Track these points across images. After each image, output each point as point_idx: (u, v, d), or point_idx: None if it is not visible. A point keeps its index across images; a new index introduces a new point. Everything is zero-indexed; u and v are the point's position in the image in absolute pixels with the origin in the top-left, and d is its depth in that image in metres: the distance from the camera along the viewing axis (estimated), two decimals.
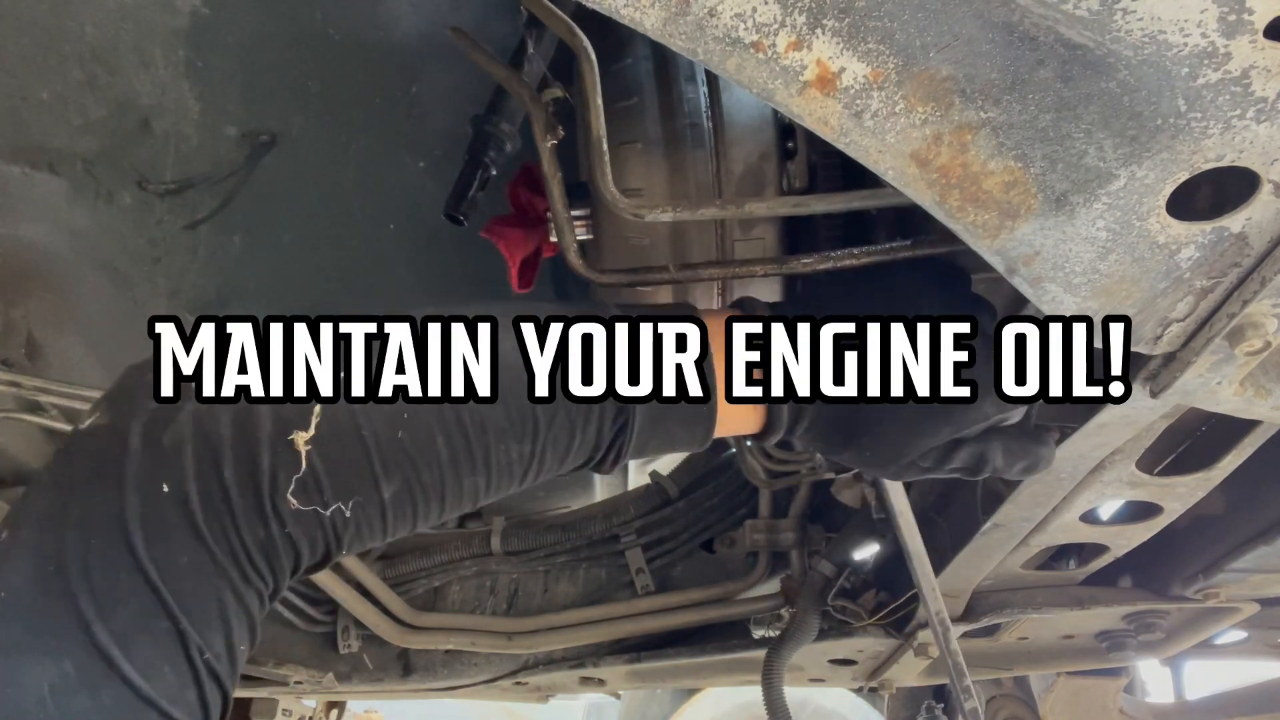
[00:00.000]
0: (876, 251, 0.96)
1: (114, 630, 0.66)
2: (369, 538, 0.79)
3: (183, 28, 1.36)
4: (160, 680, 0.67)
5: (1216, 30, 0.57)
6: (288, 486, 0.71)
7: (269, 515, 0.72)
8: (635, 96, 1.05)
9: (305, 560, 0.76)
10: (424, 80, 1.43)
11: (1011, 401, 0.85)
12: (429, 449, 0.76)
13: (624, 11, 0.60)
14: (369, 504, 0.76)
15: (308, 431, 0.72)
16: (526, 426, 0.79)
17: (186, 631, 0.69)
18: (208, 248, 1.57)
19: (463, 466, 0.78)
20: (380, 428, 0.74)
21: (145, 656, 0.67)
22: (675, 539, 1.78)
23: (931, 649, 1.56)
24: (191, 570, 0.69)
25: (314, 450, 0.72)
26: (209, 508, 0.70)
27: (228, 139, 1.45)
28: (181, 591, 0.69)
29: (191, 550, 0.69)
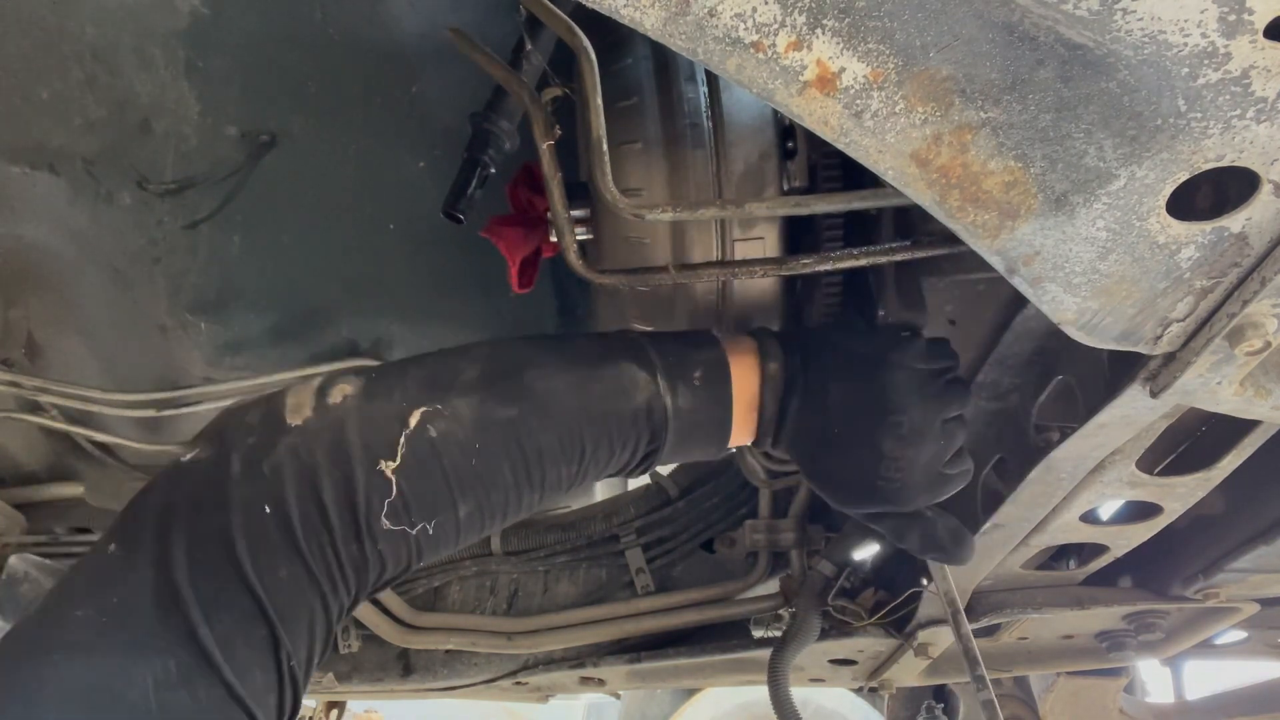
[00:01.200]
0: (876, 251, 0.96)
1: (217, 634, 0.74)
2: (444, 549, 0.90)
3: (183, 28, 1.36)
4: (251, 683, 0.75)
5: (1216, 30, 0.57)
6: (381, 509, 0.82)
7: (364, 534, 0.82)
8: (635, 96, 1.05)
9: (388, 573, 0.86)
10: (424, 80, 1.43)
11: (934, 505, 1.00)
12: (497, 474, 0.87)
13: (624, 11, 0.60)
14: (447, 523, 0.87)
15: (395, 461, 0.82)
16: (575, 451, 0.91)
17: (280, 638, 0.77)
18: (208, 248, 1.57)
19: (524, 488, 0.90)
20: (456, 457, 0.85)
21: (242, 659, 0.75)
22: (675, 539, 1.78)
23: (932, 649, 1.56)
24: (290, 582, 0.78)
25: (401, 476, 0.83)
26: (309, 527, 0.79)
27: (228, 139, 1.45)
28: (279, 602, 0.77)
29: (291, 564, 0.78)
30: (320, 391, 0.86)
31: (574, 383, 0.91)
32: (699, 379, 0.95)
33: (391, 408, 0.85)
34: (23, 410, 1.75)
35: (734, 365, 0.97)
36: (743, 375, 0.97)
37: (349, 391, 0.86)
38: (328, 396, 0.86)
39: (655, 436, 0.94)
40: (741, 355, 0.98)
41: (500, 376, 0.90)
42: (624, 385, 0.93)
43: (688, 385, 0.95)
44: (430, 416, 0.85)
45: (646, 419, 0.93)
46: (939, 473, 0.97)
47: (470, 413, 0.87)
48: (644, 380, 0.93)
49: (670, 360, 0.95)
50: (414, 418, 0.84)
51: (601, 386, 0.92)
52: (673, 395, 0.93)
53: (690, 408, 0.94)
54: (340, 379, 0.88)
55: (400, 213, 1.55)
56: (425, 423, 0.84)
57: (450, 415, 0.86)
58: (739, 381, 0.97)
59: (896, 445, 0.94)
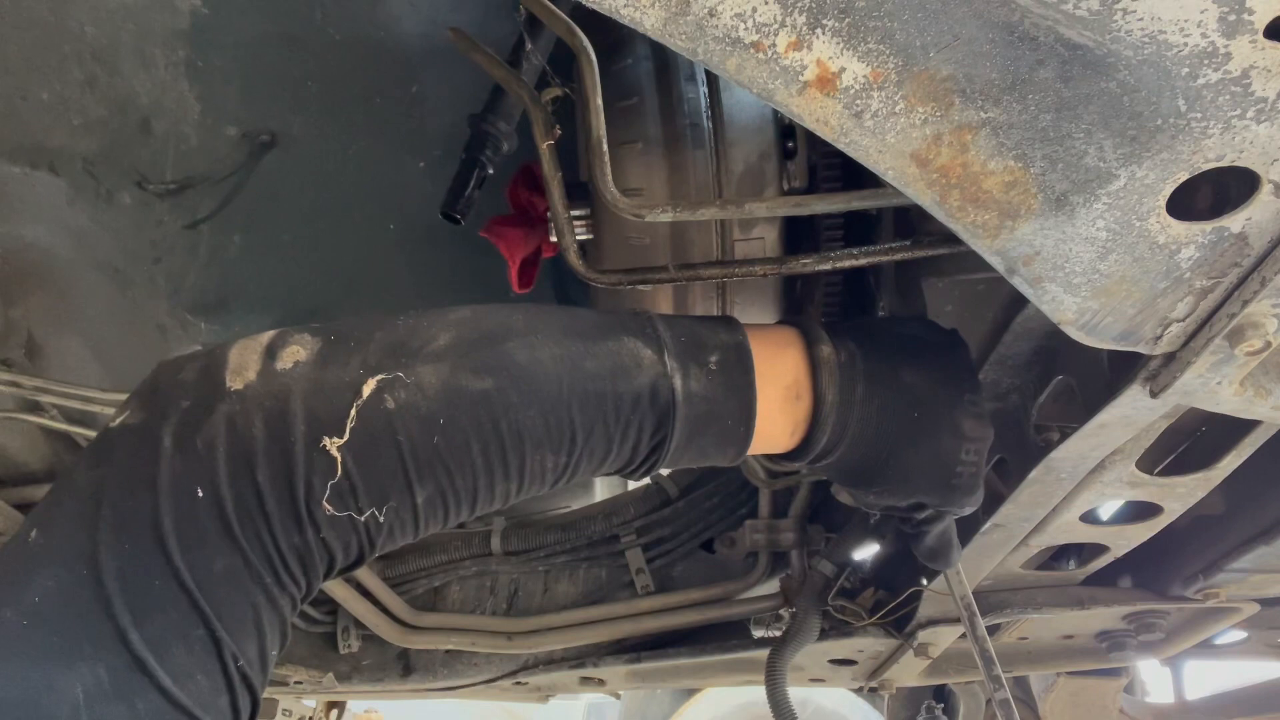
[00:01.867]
0: (876, 251, 0.96)
1: (149, 637, 0.65)
2: (400, 538, 0.79)
3: (183, 28, 1.36)
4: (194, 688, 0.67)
5: (1216, 30, 0.57)
6: (323, 493, 0.71)
7: (304, 520, 0.71)
8: (635, 96, 1.05)
9: (339, 563, 0.76)
10: (424, 80, 1.43)
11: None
12: (464, 455, 0.75)
13: (624, 11, 0.60)
14: (402, 508, 0.75)
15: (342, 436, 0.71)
16: (564, 438, 0.78)
17: (221, 638, 0.68)
18: (208, 248, 1.57)
19: (496, 473, 0.77)
20: (416, 432, 0.73)
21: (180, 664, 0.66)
22: (675, 539, 1.78)
23: (932, 649, 1.56)
24: (226, 576, 0.69)
25: (349, 455, 0.71)
26: (243, 513, 0.69)
27: (228, 139, 1.45)
28: (216, 598, 0.68)
29: (226, 556, 0.69)
30: (269, 352, 0.74)
31: (564, 357, 0.78)
32: (715, 363, 0.82)
33: (347, 375, 0.73)
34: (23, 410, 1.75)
35: (763, 349, 0.85)
36: (781, 361, 0.85)
37: (301, 356, 0.74)
38: (276, 359, 0.73)
39: (661, 425, 0.81)
40: (773, 340, 0.87)
41: (478, 344, 0.77)
42: (624, 362, 0.79)
43: (701, 368, 0.81)
44: (388, 385, 0.73)
45: (650, 403, 0.80)
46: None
47: (436, 381, 0.74)
48: (649, 358, 0.80)
49: (682, 339, 0.82)
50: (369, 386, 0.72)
51: (597, 364, 0.79)
52: (683, 377, 0.80)
53: (704, 394, 0.81)
54: (294, 339, 0.75)
55: (400, 213, 1.55)
56: (382, 392, 0.72)
57: (412, 384, 0.73)
58: (773, 367, 0.85)
59: (976, 425, 0.87)
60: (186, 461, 0.69)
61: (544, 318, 0.82)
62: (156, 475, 0.68)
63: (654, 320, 0.84)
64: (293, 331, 0.76)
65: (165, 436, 0.70)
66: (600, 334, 0.81)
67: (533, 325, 0.80)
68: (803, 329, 0.89)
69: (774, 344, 0.87)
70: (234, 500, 0.69)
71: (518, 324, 0.80)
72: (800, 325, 0.90)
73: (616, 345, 0.80)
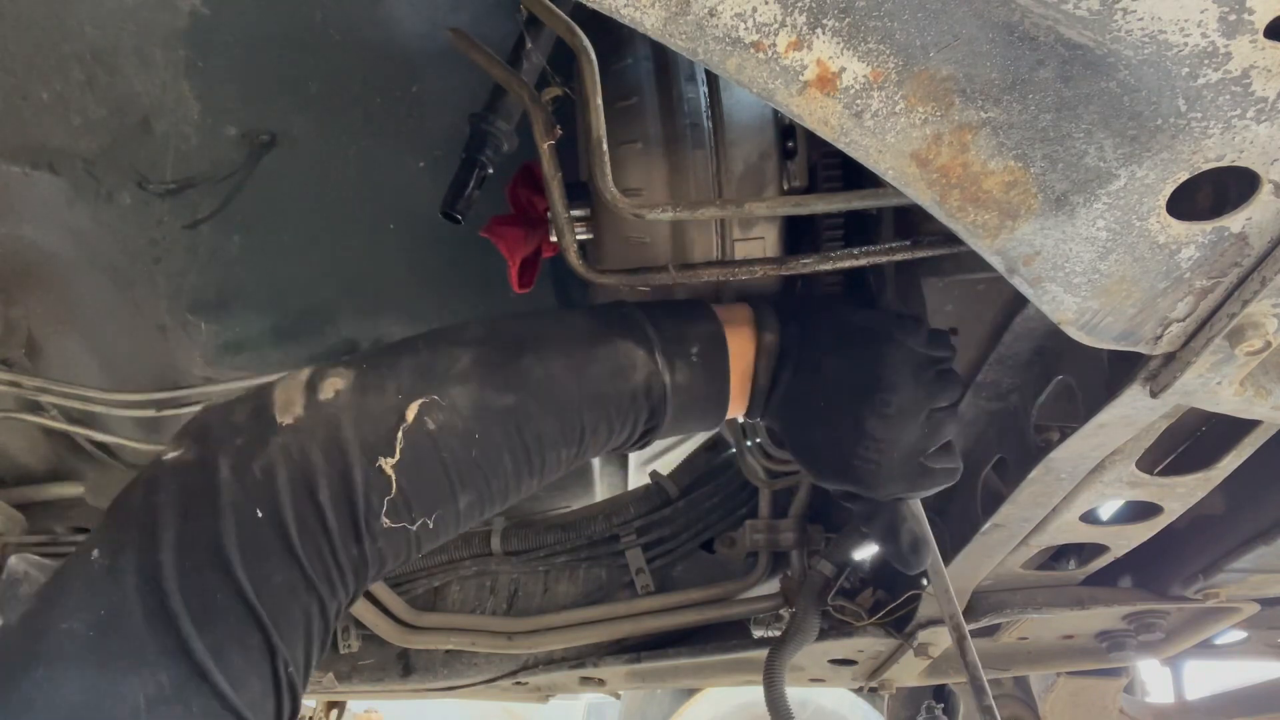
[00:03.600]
0: (876, 251, 0.96)
1: (209, 644, 0.71)
2: (443, 539, 0.89)
3: (183, 28, 1.36)
4: (247, 691, 0.73)
5: (1217, 30, 0.57)
6: (381, 508, 0.80)
7: (363, 534, 0.80)
8: (635, 96, 1.05)
9: (388, 568, 0.85)
10: (424, 80, 1.43)
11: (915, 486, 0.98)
12: (497, 463, 0.86)
13: (624, 11, 0.60)
14: (448, 514, 0.85)
15: (394, 457, 0.80)
16: (574, 434, 0.90)
17: (276, 645, 0.75)
18: (208, 248, 1.56)
19: (524, 474, 0.89)
20: (456, 448, 0.83)
21: (236, 668, 0.72)
22: (675, 539, 1.78)
23: (932, 649, 1.56)
24: (285, 588, 0.76)
25: (400, 473, 0.80)
26: (304, 529, 0.77)
27: (228, 139, 1.45)
28: (274, 609, 0.75)
29: (285, 569, 0.76)
30: (310, 387, 0.83)
31: (572, 366, 0.90)
32: (697, 355, 0.94)
33: (387, 400, 0.82)
34: (23, 410, 1.75)
35: (730, 337, 0.96)
36: (739, 346, 0.97)
37: (340, 386, 0.83)
38: (318, 392, 0.82)
39: (654, 414, 0.94)
40: (738, 326, 0.98)
41: (497, 362, 0.88)
42: (622, 365, 0.91)
43: (685, 361, 0.93)
44: (428, 408, 0.82)
45: (645, 397, 0.92)
46: (919, 463, 0.96)
47: (468, 402, 0.84)
48: (642, 358, 0.92)
49: (667, 336, 0.94)
50: (411, 411, 0.82)
51: (599, 368, 0.90)
52: (671, 372, 0.92)
53: (688, 384, 0.94)
54: (330, 372, 0.85)
55: (400, 213, 1.55)
56: (423, 415, 0.82)
57: (448, 406, 0.83)
58: (735, 353, 0.96)
59: (880, 424, 0.93)
60: (245, 488, 0.76)
61: (546, 328, 0.93)
62: (217, 500, 0.75)
63: (639, 318, 0.95)
64: (327, 367, 0.86)
65: (223, 467, 0.77)
66: (597, 340, 0.92)
67: (540, 338, 0.91)
68: (757, 313, 0.99)
69: (736, 332, 0.97)
70: (295, 518, 0.76)
71: (528, 339, 0.90)
72: (756, 307, 1.00)
73: (613, 350, 0.91)
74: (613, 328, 0.94)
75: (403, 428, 0.81)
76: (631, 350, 0.92)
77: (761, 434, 1.53)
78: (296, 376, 0.85)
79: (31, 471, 1.90)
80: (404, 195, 1.52)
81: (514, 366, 0.87)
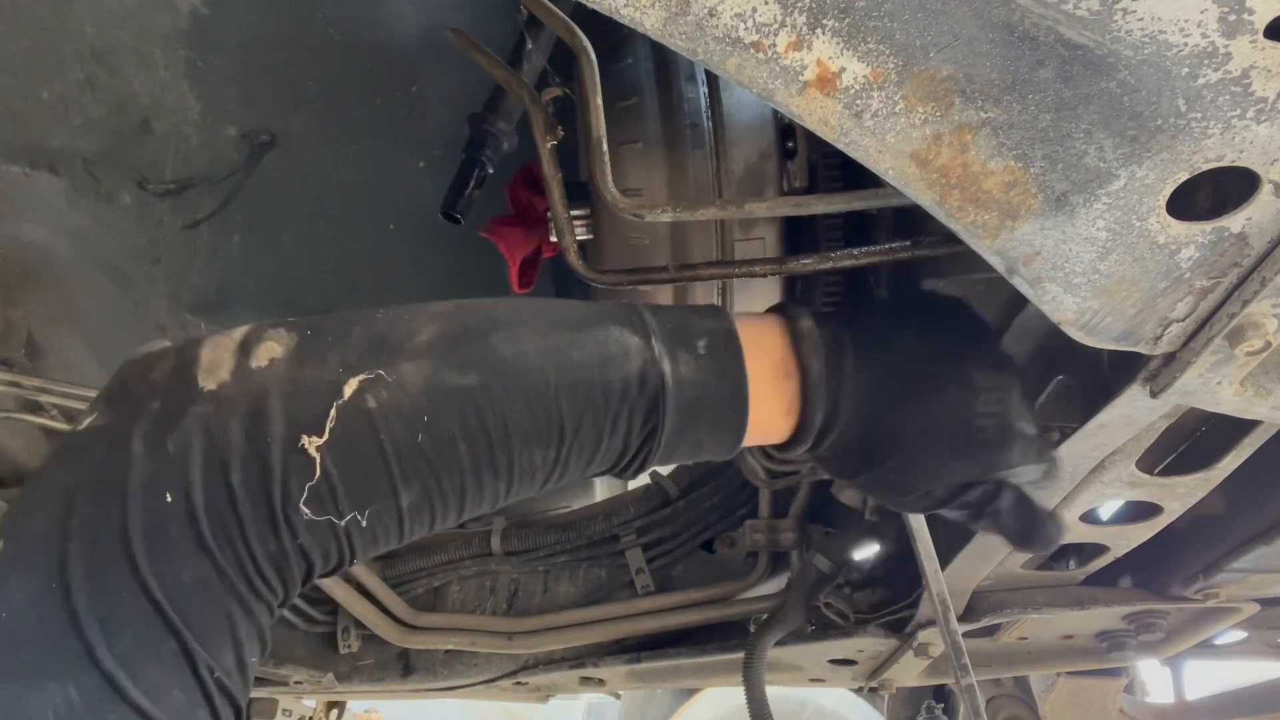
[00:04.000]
0: (876, 251, 0.96)
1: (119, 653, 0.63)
2: (384, 544, 0.76)
3: (183, 28, 1.36)
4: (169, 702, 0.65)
5: (1217, 30, 0.57)
6: (300, 495, 0.68)
7: (280, 526, 0.68)
8: (635, 96, 1.05)
9: (317, 570, 0.73)
10: (424, 80, 1.43)
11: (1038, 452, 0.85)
12: (450, 454, 0.72)
13: (624, 11, 0.60)
14: (385, 512, 0.72)
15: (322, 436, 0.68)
16: (552, 432, 0.75)
17: (194, 650, 0.66)
18: (208, 248, 1.57)
19: (484, 472, 0.74)
20: (399, 432, 0.70)
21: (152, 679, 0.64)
22: (675, 539, 1.78)
23: (932, 649, 1.56)
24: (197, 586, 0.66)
25: (328, 456, 0.68)
26: (215, 519, 0.66)
27: (228, 139, 1.45)
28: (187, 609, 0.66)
29: (196, 565, 0.66)
30: (242, 348, 0.71)
31: (550, 347, 0.75)
32: (704, 347, 0.79)
33: (326, 373, 0.70)
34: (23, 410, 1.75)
35: (749, 332, 0.82)
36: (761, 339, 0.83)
37: (277, 353, 0.71)
38: (251, 356, 0.71)
39: (652, 413, 0.77)
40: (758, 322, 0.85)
41: (461, 338, 0.74)
42: (610, 350, 0.76)
43: (690, 353, 0.78)
44: (370, 385, 0.70)
45: (639, 389, 0.77)
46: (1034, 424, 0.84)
47: (420, 379, 0.71)
48: (636, 345, 0.77)
49: (668, 326, 0.80)
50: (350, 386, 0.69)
51: (583, 353, 0.76)
52: (671, 361, 0.77)
53: (694, 379, 0.78)
54: (268, 334, 0.72)
55: (400, 213, 1.55)
56: (364, 391, 0.69)
57: (395, 383, 0.70)
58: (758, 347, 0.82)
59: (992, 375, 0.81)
60: (157, 465, 0.66)
61: (528, 310, 0.79)
62: (126, 480, 0.65)
63: (640, 309, 0.81)
64: (267, 326, 0.73)
65: (135, 439, 0.67)
66: (586, 324, 0.78)
67: (517, 317, 0.77)
68: (784, 310, 0.87)
69: (758, 326, 0.84)
70: (206, 506, 0.66)
71: (502, 316, 0.77)
72: (782, 308, 0.88)
73: (603, 334, 0.77)
74: (605, 313, 0.80)
75: (336, 404, 0.69)
76: (624, 336, 0.77)
77: None
78: (231, 334, 0.73)
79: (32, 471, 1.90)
80: (404, 195, 1.52)
81: (480, 344, 0.74)
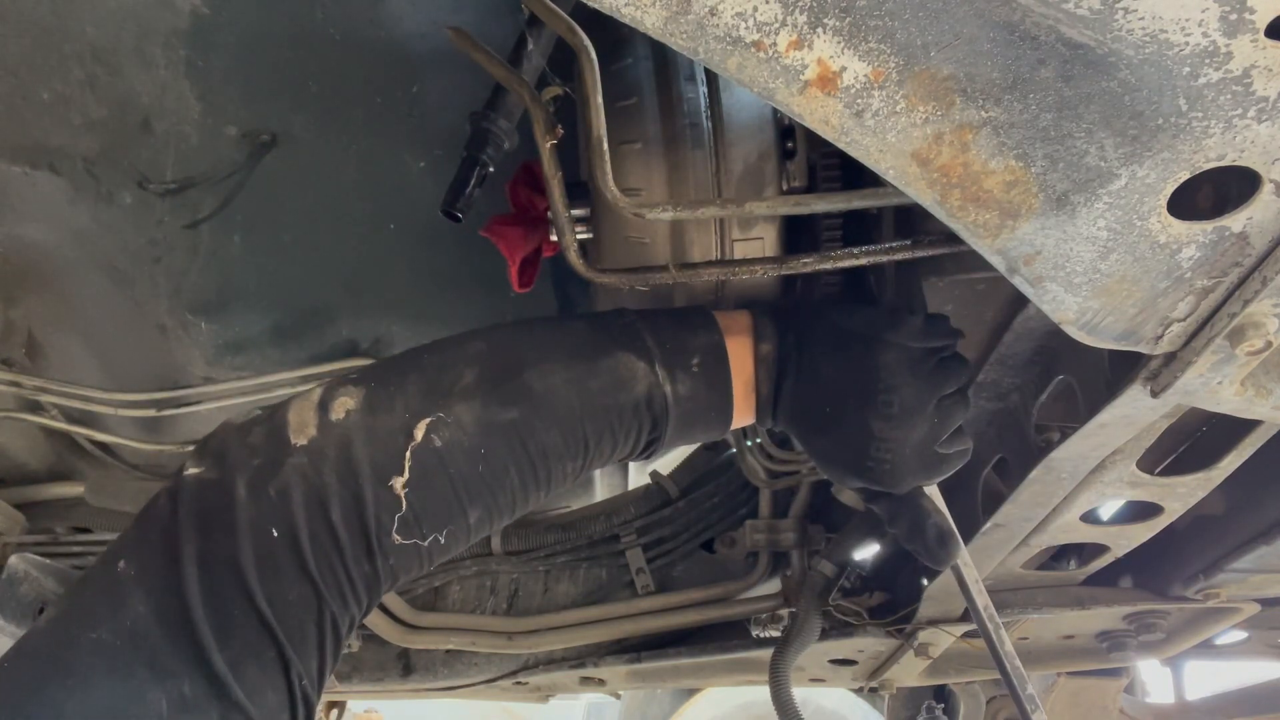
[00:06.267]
0: (876, 251, 0.96)
1: (228, 658, 0.75)
2: (455, 551, 0.91)
3: (183, 28, 1.36)
4: (264, 704, 0.76)
5: (1218, 29, 0.57)
6: (392, 526, 0.83)
7: (375, 552, 0.83)
8: (635, 96, 1.05)
9: (401, 582, 0.88)
10: (424, 80, 1.43)
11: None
12: (503, 477, 0.88)
13: (625, 11, 0.60)
14: (458, 529, 0.88)
15: (403, 476, 0.83)
16: (578, 447, 0.92)
17: (290, 659, 0.78)
18: (208, 248, 1.57)
19: (529, 486, 0.91)
20: (463, 465, 0.86)
21: (253, 681, 0.76)
22: (675, 539, 1.78)
23: (932, 649, 1.56)
24: (299, 604, 0.79)
25: (409, 491, 0.83)
26: (318, 548, 0.80)
27: (228, 139, 1.45)
28: (289, 625, 0.78)
29: (300, 586, 0.79)
30: (322, 407, 0.86)
31: (573, 379, 0.91)
32: (698, 365, 0.95)
33: (395, 420, 0.85)
34: (23, 410, 1.75)
35: (731, 347, 0.97)
36: (740, 356, 0.98)
37: (351, 406, 0.86)
38: (329, 412, 0.86)
39: (657, 424, 0.95)
40: (738, 335, 0.99)
41: (500, 378, 0.90)
42: (622, 377, 0.93)
43: (686, 372, 0.95)
44: (435, 426, 0.85)
45: (647, 408, 0.94)
46: (934, 452, 0.97)
47: (473, 418, 0.87)
48: (643, 370, 0.93)
49: (668, 347, 0.95)
50: (419, 430, 0.84)
51: (600, 381, 0.92)
52: (672, 383, 0.94)
53: (690, 395, 0.95)
54: (340, 391, 0.88)
55: (400, 212, 1.55)
56: (430, 434, 0.85)
57: (454, 423, 0.86)
58: (737, 364, 0.97)
59: (885, 426, 0.94)
60: (260, 507, 0.79)
61: (549, 340, 0.95)
62: (235, 519, 0.79)
63: (639, 328, 0.96)
64: (337, 384, 0.89)
65: (239, 487, 0.80)
66: (598, 352, 0.94)
67: (541, 352, 0.93)
68: (755, 322, 1.00)
69: (737, 342, 0.98)
70: (309, 537, 0.79)
71: (529, 354, 0.92)
72: (755, 317, 1.01)
73: (613, 362, 0.93)
74: (613, 338, 0.95)
75: (411, 447, 0.84)
76: (632, 362, 0.93)
77: (762, 434, 1.53)
78: (309, 396, 0.88)
79: (31, 471, 1.90)
80: (404, 195, 1.52)
81: (516, 382, 0.90)
